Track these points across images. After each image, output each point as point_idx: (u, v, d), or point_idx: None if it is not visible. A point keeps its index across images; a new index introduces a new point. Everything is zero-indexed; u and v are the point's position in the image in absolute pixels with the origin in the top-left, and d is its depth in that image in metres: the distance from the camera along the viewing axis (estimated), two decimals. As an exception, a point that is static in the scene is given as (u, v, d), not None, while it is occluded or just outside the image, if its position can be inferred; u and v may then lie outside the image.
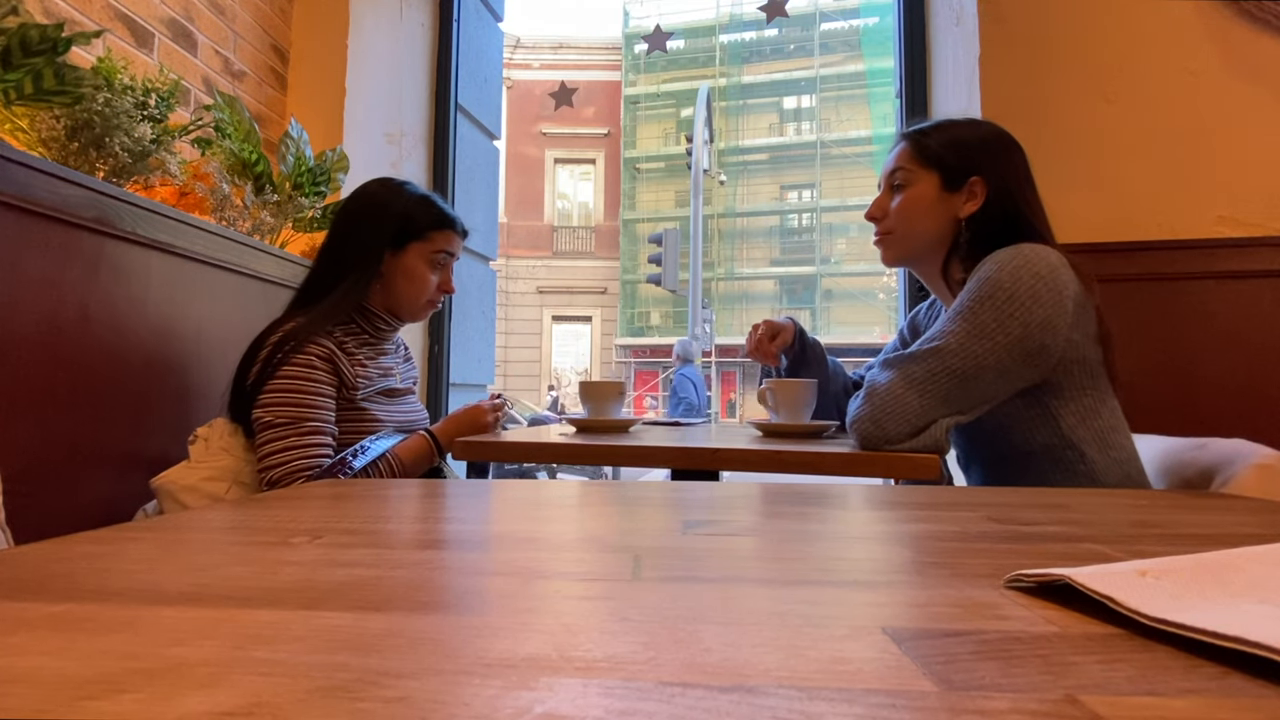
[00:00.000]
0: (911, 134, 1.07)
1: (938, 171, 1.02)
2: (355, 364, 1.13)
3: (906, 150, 1.06)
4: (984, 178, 1.00)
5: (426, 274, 1.22)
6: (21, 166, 0.95)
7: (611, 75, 18.06)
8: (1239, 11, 1.53)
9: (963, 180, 1.01)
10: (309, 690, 0.21)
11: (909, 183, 1.04)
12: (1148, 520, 0.53)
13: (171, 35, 1.59)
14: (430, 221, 1.22)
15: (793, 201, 17.51)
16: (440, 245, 1.23)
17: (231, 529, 0.46)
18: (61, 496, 1.03)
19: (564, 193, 18.52)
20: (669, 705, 0.20)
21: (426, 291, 1.23)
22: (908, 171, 1.05)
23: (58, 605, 0.29)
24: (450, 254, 1.25)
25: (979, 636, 0.27)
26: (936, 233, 1.02)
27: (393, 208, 1.20)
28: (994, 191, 0.99)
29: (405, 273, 1.20)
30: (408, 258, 1.20)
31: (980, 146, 1.02)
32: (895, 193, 1.06)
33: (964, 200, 1.00)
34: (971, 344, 0.87)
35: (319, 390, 1.06)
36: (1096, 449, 0.92)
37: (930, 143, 1.04)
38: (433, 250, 1.22)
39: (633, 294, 17.51)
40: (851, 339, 15.17)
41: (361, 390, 1.13)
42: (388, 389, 1.20)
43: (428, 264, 1.22)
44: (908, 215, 1.04)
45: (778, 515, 0.54)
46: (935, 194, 1.02)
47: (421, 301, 1.23)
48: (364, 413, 1.13)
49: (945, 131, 1.05)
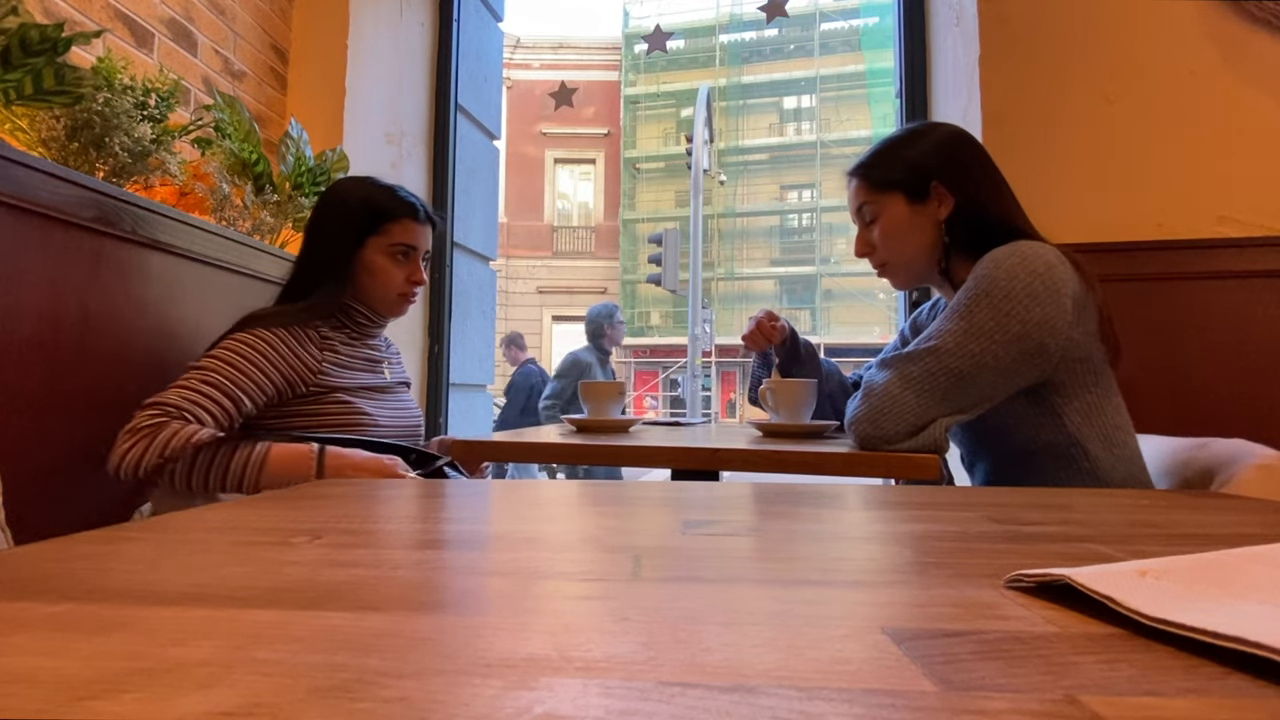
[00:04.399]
0: (857, 169, 1.08)
1: (898, 190, 1.03)
2: (328, 351, 1.13)
3: (860, 185, 1.07)
4: (940, 180, 1.00)
5: (388, 268, 1.20)
6: (21, 166, 0.95)
7: (611, 75, 18.07)
8: (1239, 11, 1.52)
9: (925, 188, 1.01)
10: (308, 690, 0.21)
11: (878, 212, 1.05)
12: (1148, 520, 0.53)
13: (171, 35, 1.59)
14: (385, 214, 1.20)
15: (793, 201, 17.51)
16: (397, 238, 1.20)
17: (231, 529, 0.46)
18: (61, 497, 1.03)
19: (564, 193, 18.52)
20: (669, 705, 0.20)
21: (392, 286, 1.21)
22: (871, 203, 1.06)
23: (58, 605, 0.29)
24: (410, 246, 1.22)
25: (979, 636, 0.27)
26: (926, 245, 1.03)
27: (352, 205, 1.20)
28: (955, 190, 1.00)
29: (366, 269, 1.20)
30: (367, 253, 1.20)
31: (930, 152, 1.02)
32: (871, 226, 1.07)
33: (936, 205, 1.01)
34: (969, 343, 0.87)
35: (250, 365, 1.04)
36: (1101, 447, 0.91)
37: (877, 169, 1.05)
38: (389, 244, 1.20)
39: (633, 294, 17.51)
40: (851, 339, 15.18)
41: (334, 378, 1.12)
42: (378, 385, 1.20)
43: (388, 258, 1.20)
44: (892, 241, 1.05)
45: (778, 515, 0.54)
46: (906, 211, 1.03)
47: (390, 297, 1.22)
48: (348, 405, 1.12)
49: (888, 153, 1.06)
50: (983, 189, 1.00)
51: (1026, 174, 1.03)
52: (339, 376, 1.14)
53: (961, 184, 1.00)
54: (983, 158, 1.03)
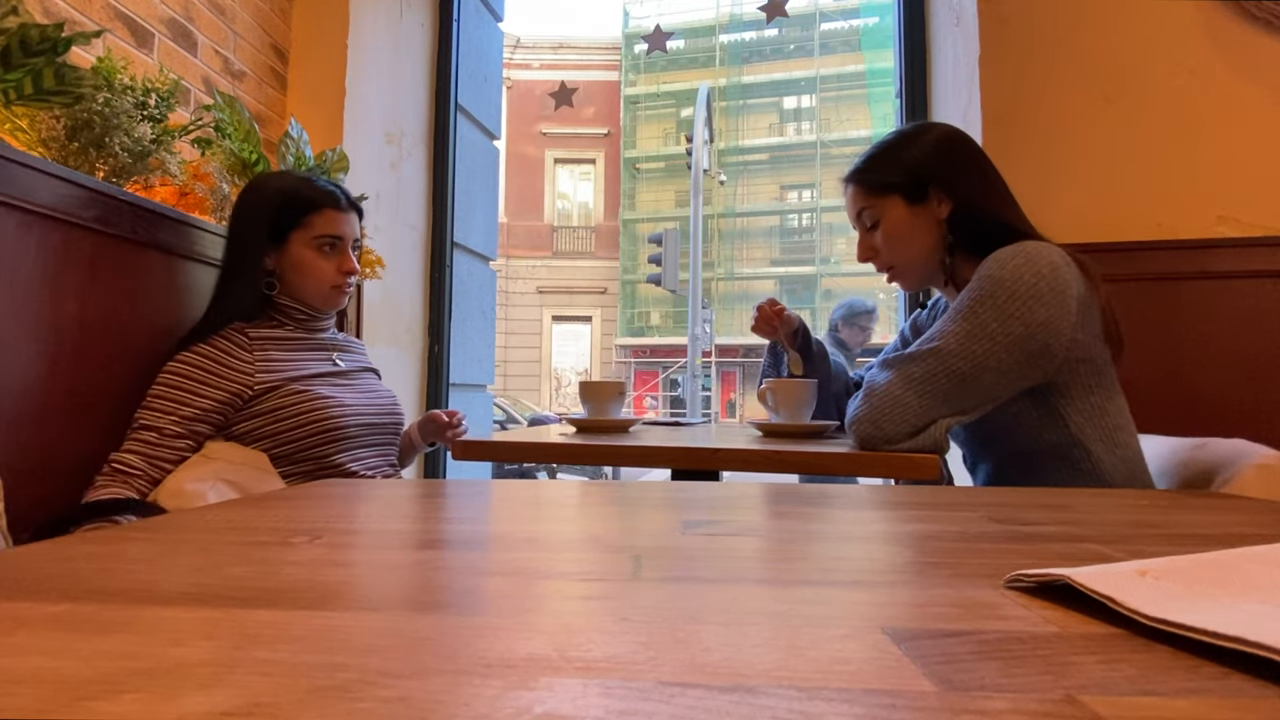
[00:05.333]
0: (853, 174, 1.08)
1: (897, 193, 1.03)
2: (259, 350, 1.13)
3: (858, 190, 1.07)
4: (936, 182, 1.00)
5: (316, 261, 1.18)
6: (21, 166, 0.95)
7: (611, 75, 18.06)
8: (1239, 11, 1.52)
9: (923, 190, 1.01)
10: (308, 690, 0.21)
11: (878, 216, 1.05)
12: (1148, 520, 0.53)
13: (171, 35, 1.59)
14: (305, 205, 1.18)
15: (793, 201, 17.51)
16: (320, 229, 1.18)
17: (231, 529, 0.46)
18: (62, 498, 1.03)
19: (564, 193, 18.52)
20: (669, 705, 0.20)
21: (325, 278, 1.19)
22: (871, 208, 1.05)
23: (58, 605, 0.29)
24: (335, 236, 1.19)
25: (979, 636, 0.27)
26: (930, 246, 1.02)
27: (262, 202, 1.18)
28: (951, 191, 1.00)
29: (294, 265, 1.18)
30: (292, 249, 1.18)
31: (925, 154, 1.02)
32: (872, 231, 1.06)
33: (936, 204, 1.01)
34: (972, 344, 0.87)
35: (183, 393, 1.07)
36: (1104, 448, 0.91)
37: (874, 173, 1.05)
38: (312, 236, 1.18)
39: (633, 294, 17.51)
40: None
41: (278, 372, 1.12)
42: (336, 371, 1.20)
43: (314, 251, 1.18)
44: (896, 243, 1.05)
45: (778, 515, 0.54)
46: (907, 213, 1.02)
47: (324, 289, 1.20)
48: (305, 393, 1.13)
49: (884, 156, 1.05)
50: (978, 189, 1.00)
51: (1026, 174, 1.02)
52: (283, 370, 1.13)
53: (957, 185, 1.00)
54: (978, 157, 1.03)
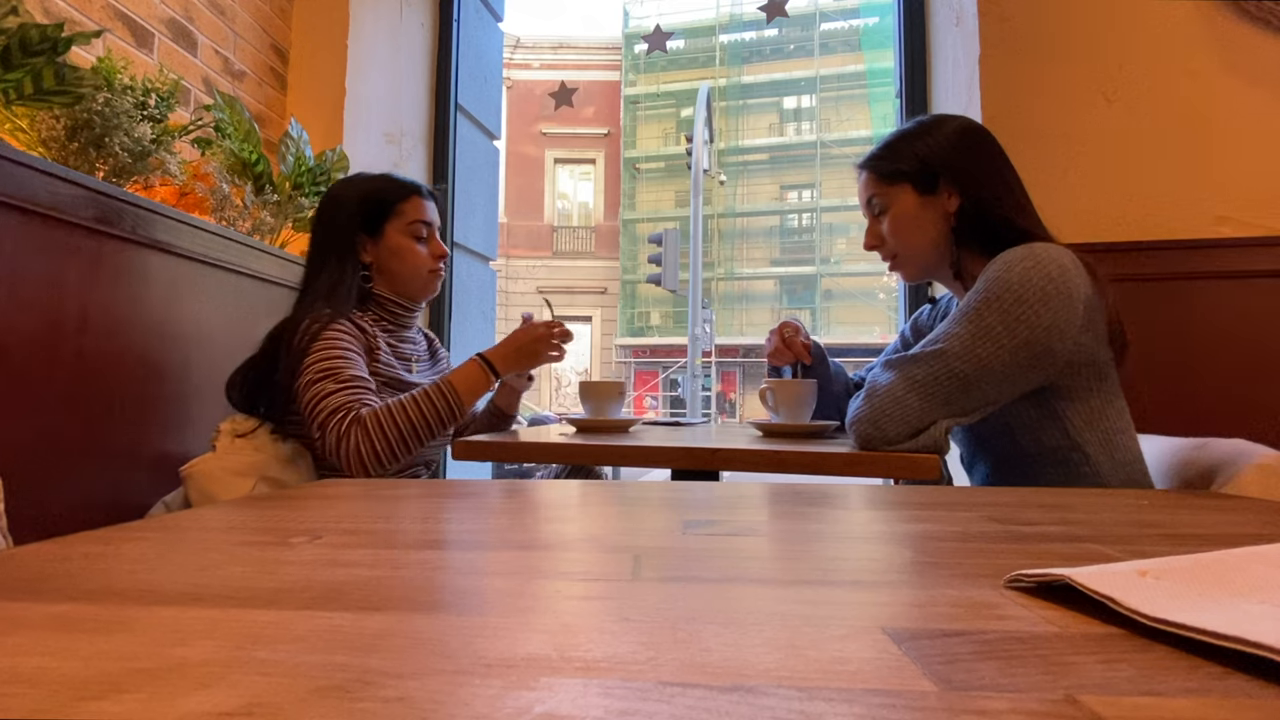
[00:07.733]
0: (867, 161, 1.08)
1: (907, 182, 1.03)
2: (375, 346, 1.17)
3: (870, 177, 1.07)
4: (947, 176, 1.00)
5: (413, 246, 1.24)
6: (21, 166, 0.95)
7: (611, 75, 18.06)
8: (1239, 11, 1.52)
9: (934, 181, 1.01)
10: (308, 690, 0.21)
11: (887, 204, 1.05)
12: (1148, 520, 0.53)
13: (171, 35, 1.59)
14: (394, 195, 1.24)
15: (793, 201, 17.51)
16: (413, 215, 1.24)
17: (231, 529, 0.46)
18: (62, 496, 1.03)
19: (564, 193, 18.52)
20: (669, 705, 0.20)
21: (422, 264, 1.25)
22: (880, 195, 1.05)
23: (58, 605, 0.29)
24: (427, 222, 1.26)
25: (979, 636, 0.27)
26: (936, 237, 1.02)
27: (352, 196, 1.23)
28: (961, 185, 0.99)
29: (393, 253, 1.23)
30: (389, 238, 1.23)
31: (939, 146, 1.02)
32: (880, 218, 1.07)
33: (946, 197, 1.00)
34: (976, 347, 0.86)
35: (351, 353, 1.09)
36: (1102, 451, 0.91)
37: (887, 161, 1.05)
38: (408, 222, 1.24)
39: (633, 294, 17.51)
40: (851, 339, 15.18)
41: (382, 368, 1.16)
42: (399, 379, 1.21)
43: (410, 237, 1.24)
44: (902, 232, 1.04)
45: (777, 515, 0.54)
46: (916, 203, 1.02)
47: (423, 274, 1.26)
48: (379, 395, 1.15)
49: (898, 145, 1.05)
50: (989, 185, 0.99)
51: (1026, 174, 1.02)
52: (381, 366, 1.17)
53: (967, 180, 0.99)
54: (994, 154, 1.02)
